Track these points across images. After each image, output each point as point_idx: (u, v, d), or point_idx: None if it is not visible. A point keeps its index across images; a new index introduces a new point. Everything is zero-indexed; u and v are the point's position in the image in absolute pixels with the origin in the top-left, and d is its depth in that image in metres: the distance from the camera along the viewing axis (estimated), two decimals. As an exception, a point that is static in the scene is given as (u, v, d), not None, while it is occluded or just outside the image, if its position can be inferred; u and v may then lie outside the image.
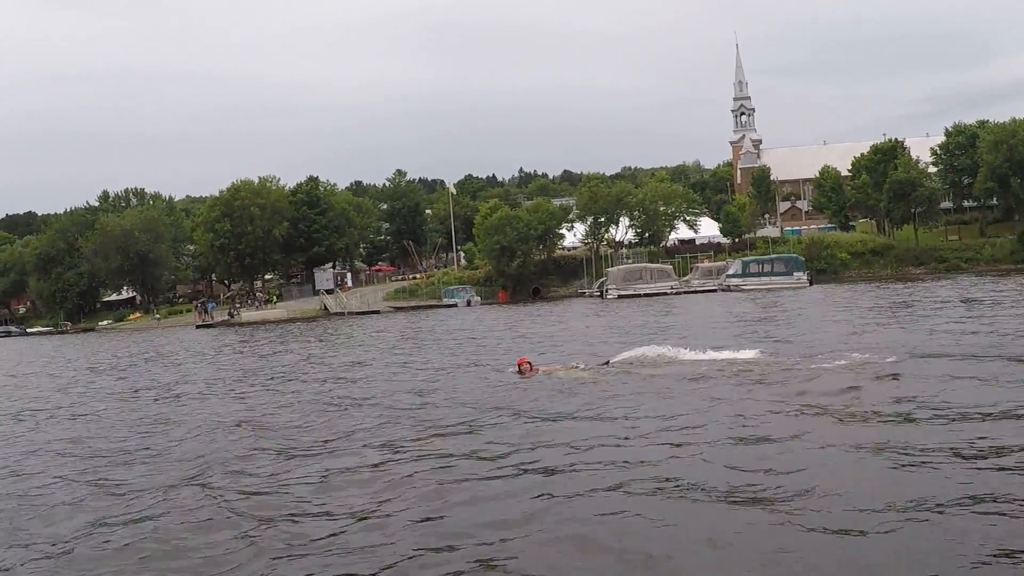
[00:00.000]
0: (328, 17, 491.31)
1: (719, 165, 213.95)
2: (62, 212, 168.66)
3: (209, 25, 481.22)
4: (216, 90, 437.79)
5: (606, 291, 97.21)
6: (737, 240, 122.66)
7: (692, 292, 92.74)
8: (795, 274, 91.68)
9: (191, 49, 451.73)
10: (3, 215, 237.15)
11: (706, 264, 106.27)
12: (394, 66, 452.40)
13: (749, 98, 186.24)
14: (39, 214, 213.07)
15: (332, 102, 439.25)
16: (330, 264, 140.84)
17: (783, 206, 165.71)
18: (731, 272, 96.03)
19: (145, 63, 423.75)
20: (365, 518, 10.87)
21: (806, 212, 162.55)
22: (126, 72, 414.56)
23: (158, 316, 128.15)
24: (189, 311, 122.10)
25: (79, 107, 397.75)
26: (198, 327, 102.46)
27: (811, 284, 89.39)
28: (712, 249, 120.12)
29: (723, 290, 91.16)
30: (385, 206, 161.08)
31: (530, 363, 25.18)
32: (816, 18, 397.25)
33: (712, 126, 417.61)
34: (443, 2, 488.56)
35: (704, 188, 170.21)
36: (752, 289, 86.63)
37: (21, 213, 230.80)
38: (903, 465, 11.48)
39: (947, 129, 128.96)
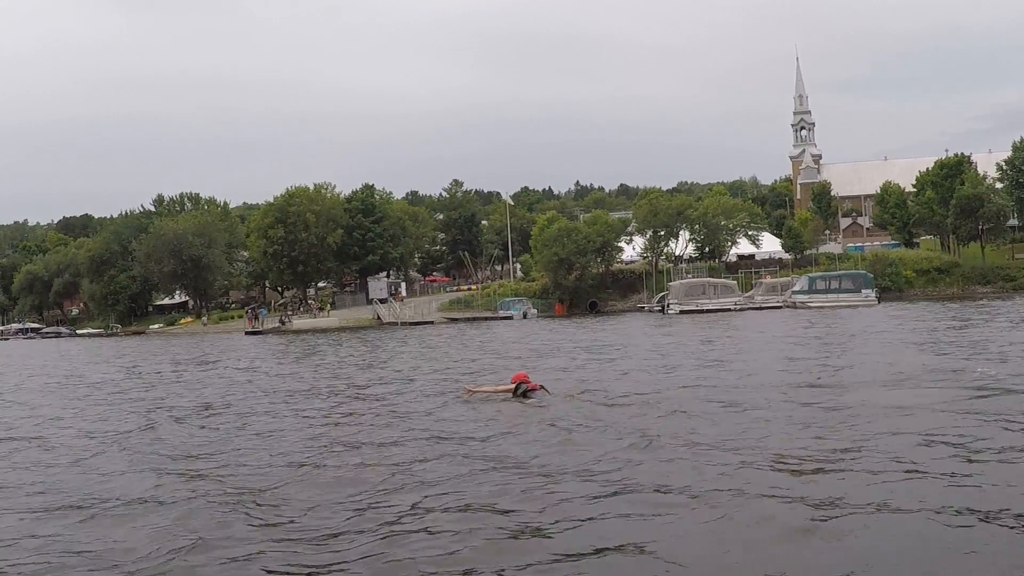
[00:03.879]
0: (386, 25, 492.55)
1: (776, 180, 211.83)
2: (117, 215, 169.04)
3: (268, 31, 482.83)
4: (274, 97, 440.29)
5: (667, 306, 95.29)
6: (799, 256, 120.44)
7: (756, 308, 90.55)
8: (863, 291, 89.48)
9: (250, 55, 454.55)
10: (60, 217, 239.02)
11: (770, 280, 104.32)
12: (452, 76, 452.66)
13: (809, 112, 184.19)
14: (95, 217, 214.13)
15: (389, 111, 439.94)
16: (384, 273, 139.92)
17: (844, 222, 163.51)
18: (797, 288, 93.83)
19: (204, 69, 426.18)
20: None
21: (867, 229, 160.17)
22: (185, 77, 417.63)
23: (205, 321, 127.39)
24: (240, 317, 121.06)
25: (138, 112, 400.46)
26: (247, 333, 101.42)
27: (879, 302, 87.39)
28: (774, 265, 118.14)
29: (788, 307, 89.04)
30: (441, 216, 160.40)
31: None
32: (876, 31, 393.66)
33: (769, 141, 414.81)
34: (502, 11, 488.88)
35: (763, 203, 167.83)
36: (819, 306, 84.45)
37: (77, 216, 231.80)
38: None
39: (1015, 143, 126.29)
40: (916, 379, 22.06)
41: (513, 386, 22.27)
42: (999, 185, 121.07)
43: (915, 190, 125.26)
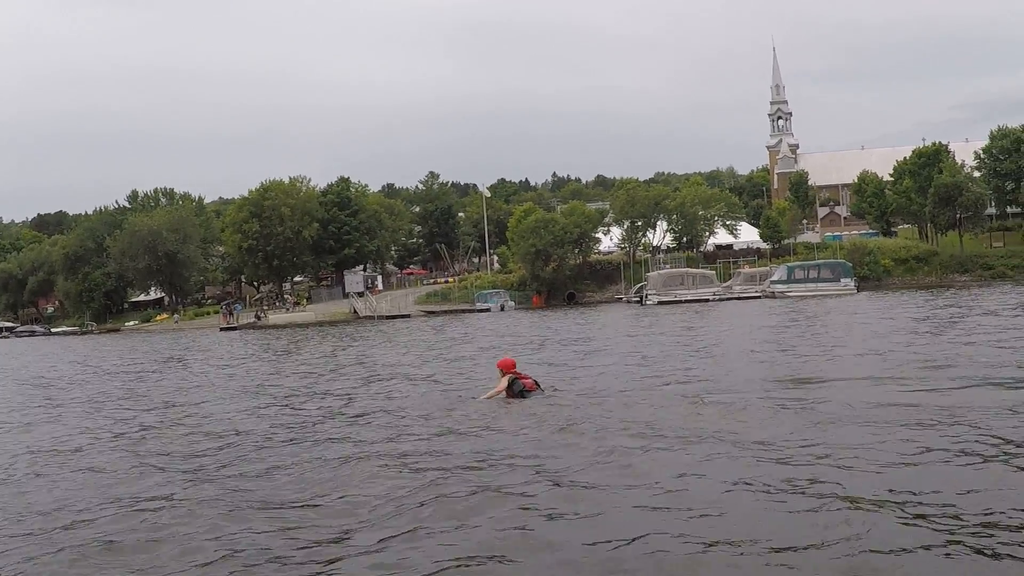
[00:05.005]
0: (361, 18, 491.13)
1: (753, 170, 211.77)
2: (92, 212, 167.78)
3: (240, 24, 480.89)
4: (248, 90, 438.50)
5: (646, 297, 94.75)
6: (777, 245, 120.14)
7: (735, 299, 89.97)
8: (842, 280, 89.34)
9: (223, 48, 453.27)
10: (34, 215, 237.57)
11: (748, 270, 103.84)
12: (426, 68, 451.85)
13: (786, 102, 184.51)
14: (70, 214, 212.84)
15: (364, 103, 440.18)
16: (360, 267, 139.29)
17: (821, 211, 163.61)
18: (776, 278, 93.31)
19: (177, 62, 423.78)
20: None
21: (845, 218, 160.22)
22: (159, 71, 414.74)
23: (178, 318, 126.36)
24: (216, 312, 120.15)
25: (111, 106, 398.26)
26: (222, 329, 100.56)
27: (858, 291, 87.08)
28: (752, 254, 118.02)
29: (767, 296, 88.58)
30: (417, 208, 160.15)
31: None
32: (855, 22, 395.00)
33: (746, 132, 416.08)
34: (479, 2, 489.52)
35: (740, 193, 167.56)
36: (799, 296, 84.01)
37: (52, 213, 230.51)
38: None
39: (991, 132, 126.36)
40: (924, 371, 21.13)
41: (506, 382, 18.95)
42: (977, 174, 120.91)
43: (893, 179, 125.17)
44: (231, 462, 14.36)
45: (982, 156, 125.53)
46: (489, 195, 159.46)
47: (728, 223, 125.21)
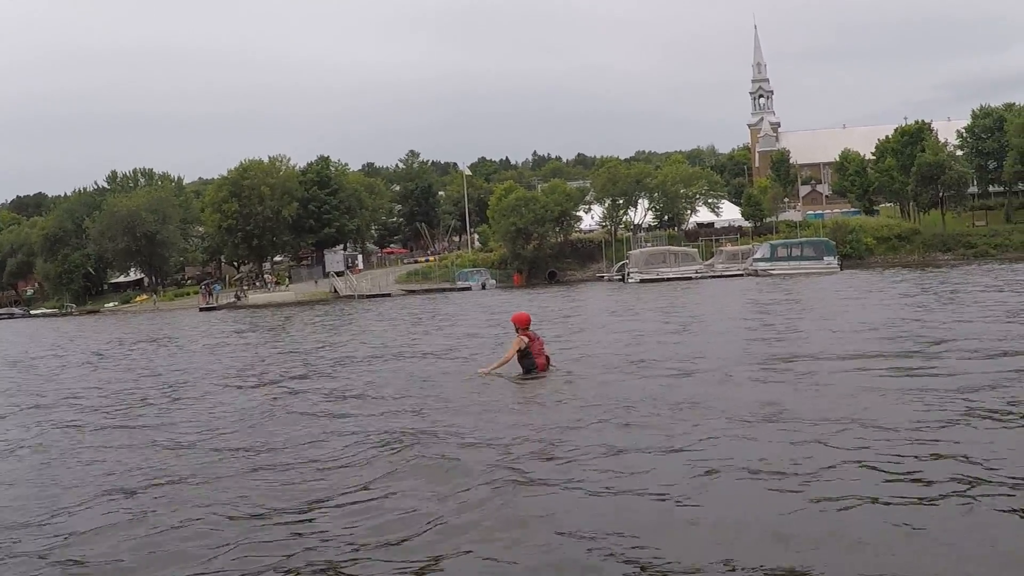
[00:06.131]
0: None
1: (735, 149, 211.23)
2: (71, 193, 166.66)
3: (218, 5, 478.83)
4: (227, 71, 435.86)
5: (627, 275, 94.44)
6: (759, 224, 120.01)
7: (717, 276, 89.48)
8: (825, 258, 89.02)
9: (201, 28, 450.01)
10: (12, 196, 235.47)
11: (731, 248, 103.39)
12: (406, 49, 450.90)
13: (767, 80, 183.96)
14: (49, 195, 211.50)
15: (344, 84, 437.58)
16: (341, 246, 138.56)
17: (803, 190, 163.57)
18: (758, 256, 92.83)
19: (156, 42, 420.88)
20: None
21: (826, 196, 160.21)
22: (137, 52, 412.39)
23: (156, 299, 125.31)
24: (195, 293, 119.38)
25: (90, 88, 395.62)
26: (201, 310, 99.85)
27: (841, 269, 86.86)
28: (734, 232, 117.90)
29: (750, 274, 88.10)
30: (398, 187, 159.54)
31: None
32: (834, 1, 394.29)
33: (727, 111, 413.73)
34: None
35: (722, 171, 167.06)
36: (781, 274, 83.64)
37: (31, 194, 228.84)
38: None
39: (973, 111, 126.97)
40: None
41: (517, 347, 17.65)
42: (959, 153, 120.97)
43: (875, 158, 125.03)
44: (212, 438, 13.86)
45: (964, 135, 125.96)
46: (470, 174, 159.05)
47: (710, 201, 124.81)
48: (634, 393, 15.10)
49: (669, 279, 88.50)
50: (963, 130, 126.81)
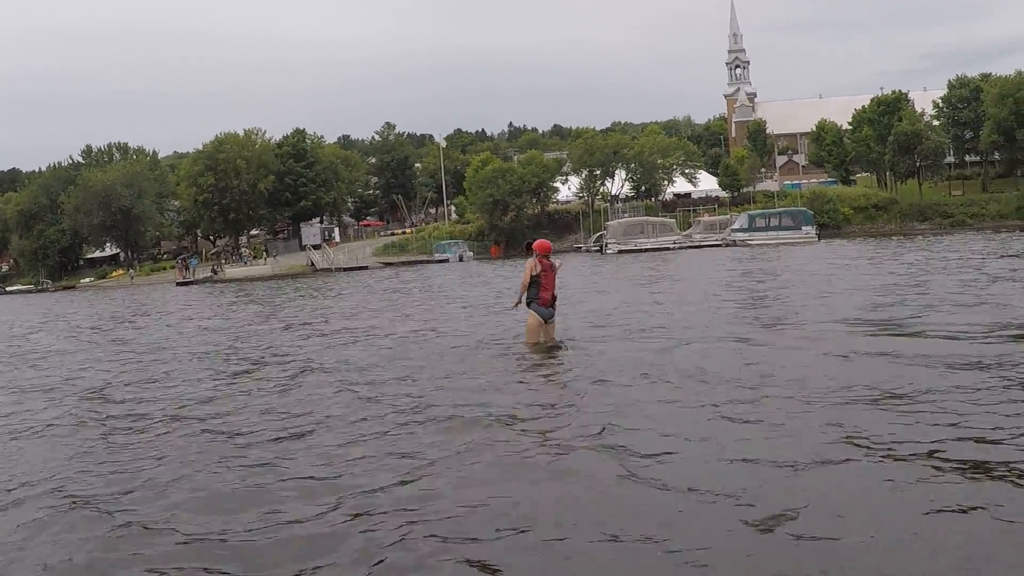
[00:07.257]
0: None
1: (711, 119, 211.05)
2: (45, 168, 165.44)
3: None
4: (202, 46, 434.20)
5: (606, 246, 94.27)
6: (736, 194, 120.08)
7: (696, 247, 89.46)
8: (803, 228, 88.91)
9: (175, 5, 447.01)
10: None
11: (708, 218, 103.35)
12: (382, 22, 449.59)
13: (744, 51, 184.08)
14: (23, 171, 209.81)
15: (319, 58, 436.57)
16: (317, 219, 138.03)
17: (780, 160, 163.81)
18: (736, 226, 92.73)
19: (129, 20, 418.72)
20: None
21: (803, 166, 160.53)
22: (111, 29, 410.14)
23: (133, 274, 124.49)
24: (172, 268, 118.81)
25: (65, 65, 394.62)
26: (178, 284, 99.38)
27: (819, 239, 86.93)
28: (711, 203, 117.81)
29: (728, 245, 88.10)
30: (374, 160, 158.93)
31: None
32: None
33: (704, 81, 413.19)
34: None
35: (698, 142, 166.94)
36: (760, 244, 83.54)
37: (5, 170, 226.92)
38: None
39: (950, 81, 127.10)
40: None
41: (530, 270, 16.86)
42: (936, 123, 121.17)
43: (851, 128, 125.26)
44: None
45: (941, 105, 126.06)
46: (445, 145, 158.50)
47: (687, 172, 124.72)
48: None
49: (647, 250, 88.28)
50: (940, 100, 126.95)
